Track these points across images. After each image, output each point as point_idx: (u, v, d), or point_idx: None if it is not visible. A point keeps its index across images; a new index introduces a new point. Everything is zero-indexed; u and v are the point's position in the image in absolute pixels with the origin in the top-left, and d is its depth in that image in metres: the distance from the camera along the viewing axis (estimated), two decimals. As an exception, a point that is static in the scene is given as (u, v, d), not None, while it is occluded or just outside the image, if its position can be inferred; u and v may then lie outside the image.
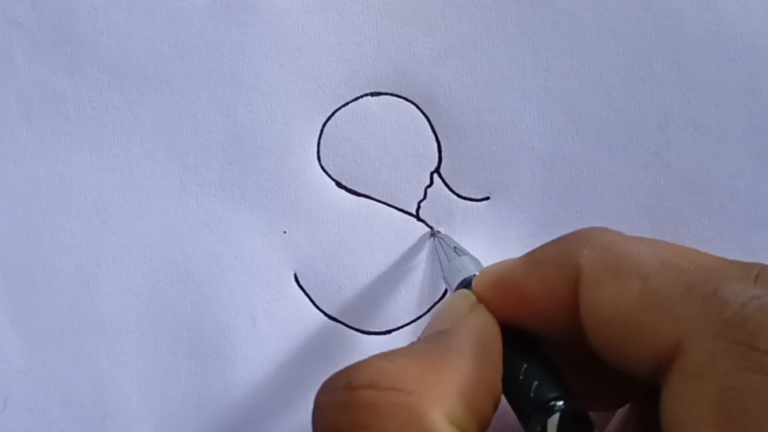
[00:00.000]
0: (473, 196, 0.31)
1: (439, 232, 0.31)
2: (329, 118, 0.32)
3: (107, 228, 0.32)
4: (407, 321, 0.31)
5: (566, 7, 0.31)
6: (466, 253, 0.29)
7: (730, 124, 0.31)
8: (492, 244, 0.31)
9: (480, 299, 0.23)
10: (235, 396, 0.31)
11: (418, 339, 0.23)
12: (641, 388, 0.24)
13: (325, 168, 0.32)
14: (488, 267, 0.24)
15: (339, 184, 0.32)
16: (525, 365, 0.22)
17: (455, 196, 0.31)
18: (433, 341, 0.22)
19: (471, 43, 0.31)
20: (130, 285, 0.32)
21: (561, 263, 0.22)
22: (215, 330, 0.32)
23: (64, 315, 0.32)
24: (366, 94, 0.32)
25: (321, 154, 0.32)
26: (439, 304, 0.25)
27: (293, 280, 0.32)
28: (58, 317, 0.32)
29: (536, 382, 0.22)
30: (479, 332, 0.22)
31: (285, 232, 0.32)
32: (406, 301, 0.31)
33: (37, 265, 0.32)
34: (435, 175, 0.31)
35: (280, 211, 0.32)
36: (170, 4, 0.32)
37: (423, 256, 0.31)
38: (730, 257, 0.31)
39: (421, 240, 0.32)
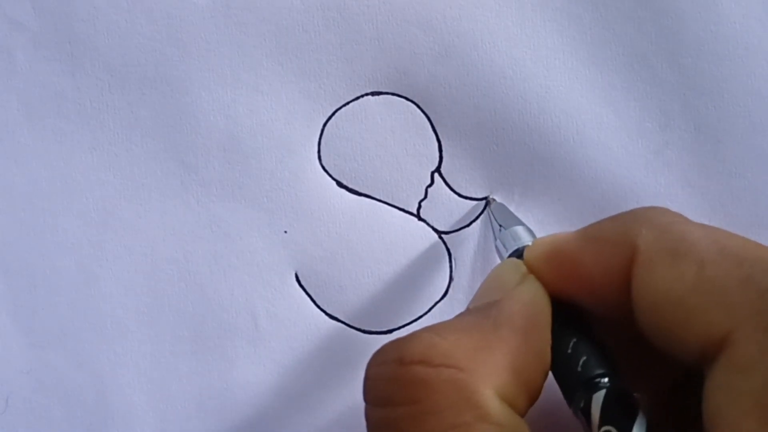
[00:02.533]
0: (474, 196, 0.32)
1: (494, 200, 0.31)
2: (330, 117, 0.32)
3: (108, 228, 0.32)
4: (408, 320, 0.31)
5: (566, 7, 0.31)
6: (520, 222, 0.28)
7: (730, 124, 0.31)
8: (492, 242, 0.31)
9: (531, 270, 0.23)
10: (236, 395, 0.31)
11: (468, 309, 0.23)
12: (682, 373, 0.24)
13: (326, 167, 0.32)
14: (542, 238, 0.24)
15: (340, 184, 0.32)
16: (574, 340, 0.22)
17: (456, 196, 0.32)
18: (484, 314, 0.22)
19: (471, 43, 0.31)
20: (132, 285, 0.32)
21: (618, 241, 0.22)
22: (216, 330, 0.32)
23: (65, 315, 0.32)
24: (366, 94, 0.32)
25: (322, 153, 0.32)
26: (489, 273, 0.24)
27: (294, 279, 0.32)
28: (60, 317, 0.32)
29: (584, 358, 0.22)
30: (530, 304, 0.22)
31: (286, 232, 0.32)
32: (407, 301, 0.31)
33: (39, 265, 0.32)
34: (436, 175, 0.32)
35: (281, 211, 0.32)
36: (170, 4, 0.32)
37: (424, 256, 0.31)
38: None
39: (424, 240, 0.32)
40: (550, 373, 0.22)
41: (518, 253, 0.26)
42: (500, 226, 0.29)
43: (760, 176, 0.31)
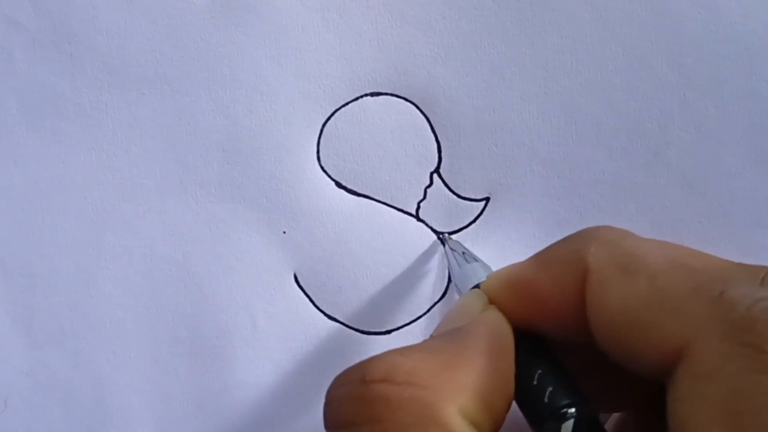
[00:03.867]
0: (473, 196, 0.31)
1: (450, 237, 0.31)
2: (329, 118, 0.32)
3: (107, 228, 0.32)
4: (407, 321, 0.31)
5: (566, 7, 0.31)
6: (476, 259, 0.29)
7: (730, 124, 0.31)
8: (492, 244, 0.31)
9: (491, 301, 0.23)
10: (234, 396, 0.31)
11: (432, 336, 0.23)
12: (648, 390, 0.24)
13: (325, 168, 0.32)
14: (497, 270, 0.24)
15: (339, 185, 0.32)
16: (539, 371, 0.22)
17: (455, 197, 0.31)
18: (448, 338, 0.22)
19: (471, 43, 0.31)
20: (130, 285, 0.32)
21: (569, 261, 0.22)
22: (215, 330, 0.32)
23: (64, 315, 0.32)
24: (366, 94, 0.31)
25: (321, 154, 0.32)
26: (452, 304, 0.25)
27: (293, 280, 0.32)
28: (59, 317, 0.32)
29: (550, 388, 0.22)
30: (493, 329, 0.22)
31: (285, 233, 0.32)
32: (406, 301, 0.31)
33: (37, 265, 0.32)
34: (435, 176, 0.31)
35: (280, 212, 0.32)
36: (170, 4, 0.32)
37: (423, 257, 0.31)
38: (730, 257, 0.31)
39: (422, 241, 0.31)
40: (514, 403, 0.22)
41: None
42: (458, 263, 0.29)
43: (759, 176, 0.31)
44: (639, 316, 0.20)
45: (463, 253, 0.29)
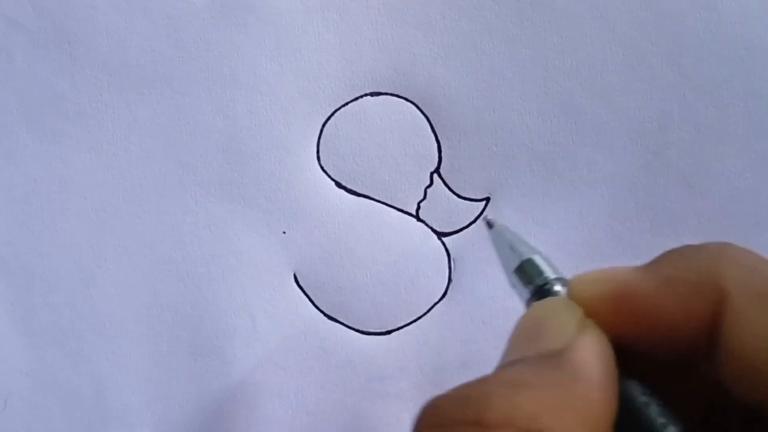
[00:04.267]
0: (473, 196, 0.31)
1: (495, 221, 0.27)
2: (329, 118, 0.32)
3: (107, 228, 0.32)
4: (407, 321, 0.31)
5: (566, 7, 0.31)
6: (533, 250, 0.25)
7: (730, 124, 0.31)
8: (492, 243, 0.31)
9: (588, 312, 0.21)
10: (234, 396, 0.31)
11: (525, 359, 0.20)
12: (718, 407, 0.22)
13: (325, 168, 0.32)
14: (594, 274, 0.22)
15: (339, 185, 0.32)
16: (639, 388, 0.20)
17: (455, 197, 0.31)
18: (555, 366, 0.19)
19: (471, 43, 0.31)
20: (130, 285, 0.32)
21: (701, 282, 0.20)
22: (215, 330, 0.32)
23: (63, 315, 0.32)
24: (366, 94, 0.31)
25: (321, 154, 0.32)
26: (533, 311, 0.22)
27: (293, 280, 0.32)
28: (58, 317, 0.32)
29: (652, 407, 0.20)
30: (601, 356, 0.20)
31: (284, 233, 0.32)
32: (406, 302, 0.31)
33: (37, 265, 0.32)
34: (435, 176, 0.31)
35: (280, 212, 0.32)
36: (170, 5, 0.31)
37: (423, 257, 0.31)
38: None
39: (423, 241, 0.31)
40: None
41: (540, 288, 0.24)
42: (511, 254, 0.25)
43: (759, 177, 0.31)
44: None
45: (512, 241, 0.25)
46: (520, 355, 0.20)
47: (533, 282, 0.23)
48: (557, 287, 0.23)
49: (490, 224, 0.26)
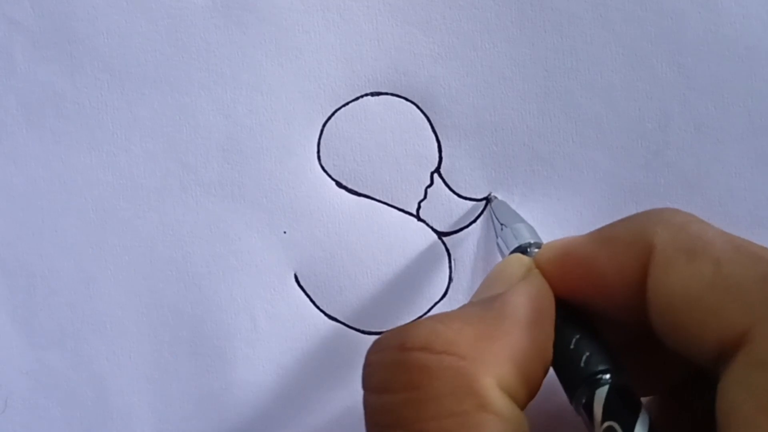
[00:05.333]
0: (473, 196, 0.31)
1: (495, 197, 0.31)
2: (329, 117, 0.32)
3: (107, 228, 0.32)
4: (407, 321, 0.31)
5: (566, 7, 0.31)
6: (521, 220, 0.28)
7: (730, 124, 0.31)
8: (493, 244, 0.31)
9: (543, 271, 0.23)
10: (235, 396, 0.31)
11: (470, 302, 0.23)
12: (684, 374, 0.24)
13: (326, 168, 0.32)
14: (552, 242, 0.24)
15: (339, 184, 0.32)
16: (576, 336, 0.22)
17: (455, 196, 0.31)
18: (488, 306, 0.22)
19: (471, 43, 0.31)
20: (130, 285, 0.32)
21: (632, 241, 0.22)
22: (215, 330, 0.32)
23: (64, 315, 0.32)
24: (366, 94, 0.31)
25: (321, 154, 0.32)
26: (493, 268, 0.25)
27: (293, 280, 0.32)
28: (59, 318, 0.32)
29: (587, 354, 0.22)
30: (533, 298, 0.22)
31: (285, 233, 0.32)
32: (407, 301, 0.31)
33: (37, 265, 0.32)
34: (435, 175, 0.31)
35: (281, 212, 0.32)
36: (170, 4, 0.31)
37: (424, 257, 0.31)
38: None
39: (423, 241, 0.31)
40: (551, 369, 0.22)
41: (520, 250, 0.26)
42: (501, 224, 0.29)
43: (760, 176, 0.31)
44: (702, 301, 0.20)
45: (508, 214, 0.29)
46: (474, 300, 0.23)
47: (511, 246, 0.27)
48: (533, 250, 0.25)
49: (489, 200, 0.30)
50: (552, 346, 0.22)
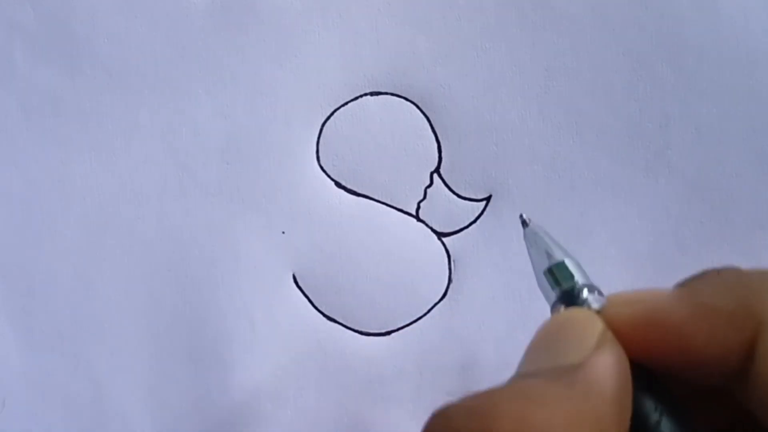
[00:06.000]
0: (473, 196, 0.31)
1: (529, 220, 0.27)
2: (329, 118, 0.31)
3: (106, 230, 0.32)
4: (407, 322, 0.31)
5: (566, 8, 0.31)
6: (565, 252, 0.25)
7: (731, 125, 0.31)
8: (493, 244, 0.31)
9: (614, 329, 0.21)
10: (233, 398, 0.31)
11: (543, 369, 0.21)
12: None
13: (325, 168, 0.32)
14: (623, 297, 0.22)
15: (338, 185, 0.31)
16: (655, 406, 0.21)
17: (455, 197, 0.31)
18: (571, 382, 0.20)
19: (471, 43, 0.31)
20: (129, 287, 0.32)
21: (736, 313, 0.20)
22: (214, 332, 0.31)
23: (62, 318, 0.32)
24: (365, 94, 0.31)
25: (320, 154, 0.32)
26: (555, 317, 0.22)
27: (292, 281, 0.31)
28: (57, 320, 0.32)
29: (668, 425, 0.20)
30: (617, 372, 0.20)
31: (284, 233, 0.31)
32: (406, 302, 0.31)
33: (36, 267, 0.32)
34: (435, 176, 0.31)
35: (279, 212, 0.31)
36: (170, 6, 0.32)
37: (423, 257, 0.31)
38: (731, 259, 0.31)
39: (423, 241, 0.31)
40: None
41: (570, 292, 0.24)
42: (542, 253, 0.25)
43: (760, 177, 0.31)
44: None
45: (548, 245, 0.25)
46: (537, 365, 0.21)
47: (561, 285, 0.23)
48: (585, 294, 0.23)
49: (524, 222, 0.26)
50: (630, 419, 0.20)
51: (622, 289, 0.27)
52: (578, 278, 0.23)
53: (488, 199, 0.31)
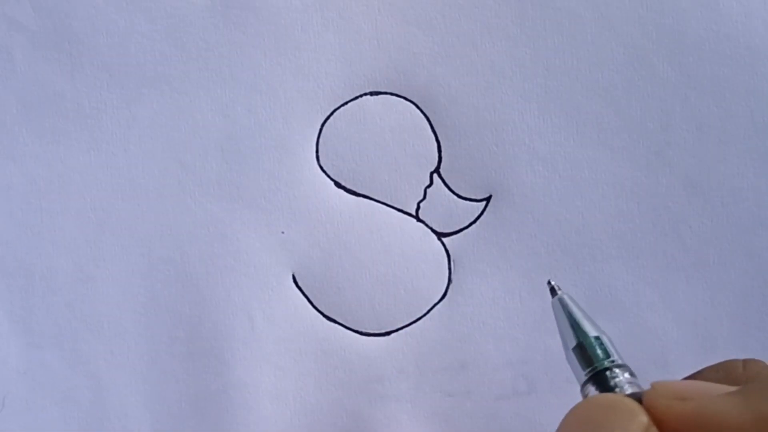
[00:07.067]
0: (473, 196, 0.31)
1: (559, 288, 0.25)
2: (328, 117, 0.31)
3: (105, 228, 0.32)
4: (407, 322, 0.31)
5: (567, 7, 0.31)
6: (597, 328, 0.23)
7: (732, 124, 0.31)
8: (493, 244, 0.31)
9: (657, 423, 0.20)
10: (232, 397, 0.31)
11: None
12: None
13: (324, 168, 0.31)
14: (673, 387, 0.20)
15: (338, 184, 0.31)
16: None
17: (455, 197, 0.31)
18: None
19: (471, 43, 0.31)
20: (128, 285, 0.32)
21: None
22: (213, 331, 0.31)
23: (62, 315, 0.32)
24: (365, 94, 0.31)
25: (320, 153, 0.31)
26: (593, 404, 0.20)
27: (291, 280, 0.31)
28: (56, 317, 0.32)
29: None
30: None
31: (283, 233, 0.31)
32: (406, 303, 0.31)
33: (36, 265, 0.32)
34: (435, 175, 0.31)
35: (279, 212, 0.31)
36: (170, 4, 0.31)
37: (423, 257, 0.31)
38: (732, 258, 0.31)
39: (423, 241, 0.31)
40: None
41: (600, 376, 0.22)
42: (572, 328, 0.23)
43: (761, 176, 0.31)
44: None
45: (579, 316, 0.24)
46: None
47: (592, 364, 0.22)
48: (620, 377, 0.22)
49: (553, 291, 0.25)
50: None
51: (625, 291, 0.27)
52: (612, 357, 0.22)
53: (488, 199, 0.31)
